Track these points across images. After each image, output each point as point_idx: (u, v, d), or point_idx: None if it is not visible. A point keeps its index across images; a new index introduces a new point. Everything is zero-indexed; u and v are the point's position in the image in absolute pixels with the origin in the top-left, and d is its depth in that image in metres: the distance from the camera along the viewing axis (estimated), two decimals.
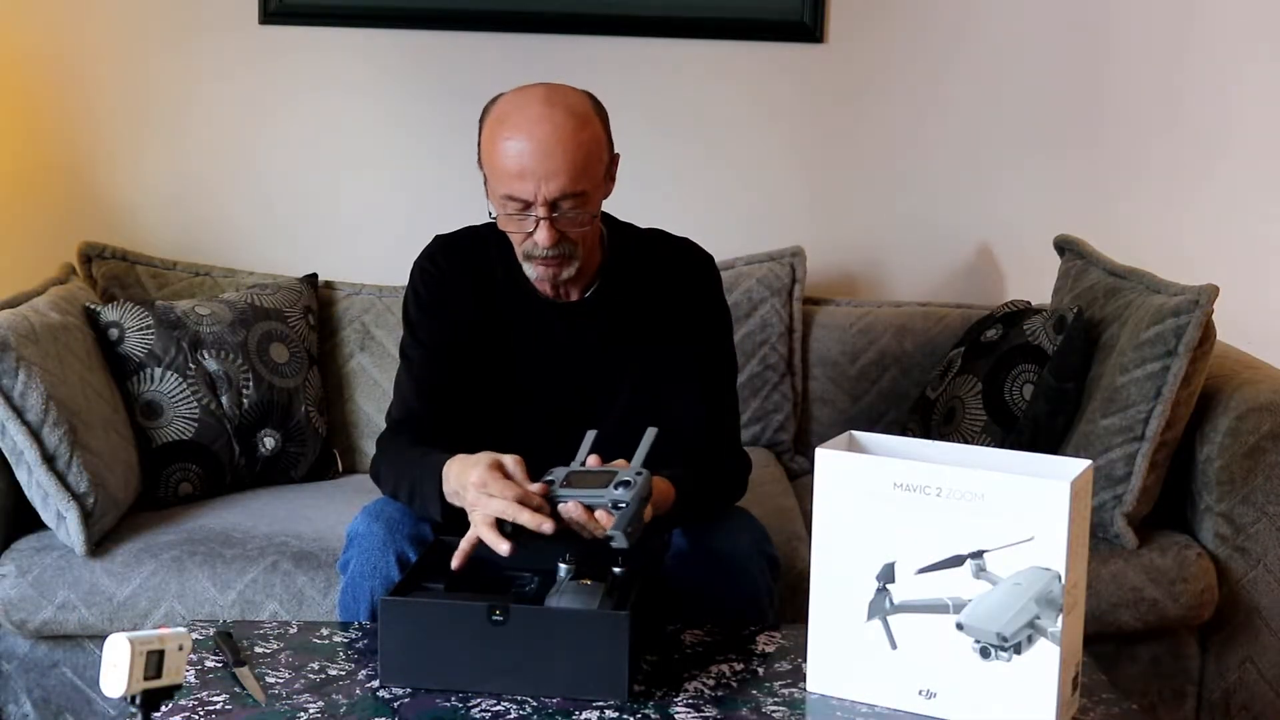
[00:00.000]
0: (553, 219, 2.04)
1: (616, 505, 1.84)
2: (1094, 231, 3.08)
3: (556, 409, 2.21)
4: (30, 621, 2.50)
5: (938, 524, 1.74)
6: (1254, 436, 2.57)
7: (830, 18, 3.24)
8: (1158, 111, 3.29)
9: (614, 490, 1.85)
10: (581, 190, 2.04)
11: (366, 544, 2.08)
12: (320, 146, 3.27)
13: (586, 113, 2.08)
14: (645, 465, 1.92)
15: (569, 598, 1.88)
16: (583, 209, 2.06)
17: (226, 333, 2.86)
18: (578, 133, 2.04)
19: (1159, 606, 2.57)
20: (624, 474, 1.88)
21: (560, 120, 2.03)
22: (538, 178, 2.02)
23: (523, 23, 3.22)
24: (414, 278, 2.25)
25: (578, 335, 2.20)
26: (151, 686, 1.53)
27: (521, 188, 2.03)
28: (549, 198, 2.03)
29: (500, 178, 2.05)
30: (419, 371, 2.20)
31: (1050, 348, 2.73)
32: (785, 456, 3.08)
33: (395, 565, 2.05)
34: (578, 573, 1.95)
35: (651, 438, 1.92)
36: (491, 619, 1.81)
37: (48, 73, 3.20)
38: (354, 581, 2.09)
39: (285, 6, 3.20)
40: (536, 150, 2.01)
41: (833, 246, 3.29)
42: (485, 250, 2.23)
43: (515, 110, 2.06)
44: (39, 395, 2.49)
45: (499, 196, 2.07)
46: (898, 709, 1.80)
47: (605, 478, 1.89)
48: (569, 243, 2.08)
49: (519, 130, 2.03)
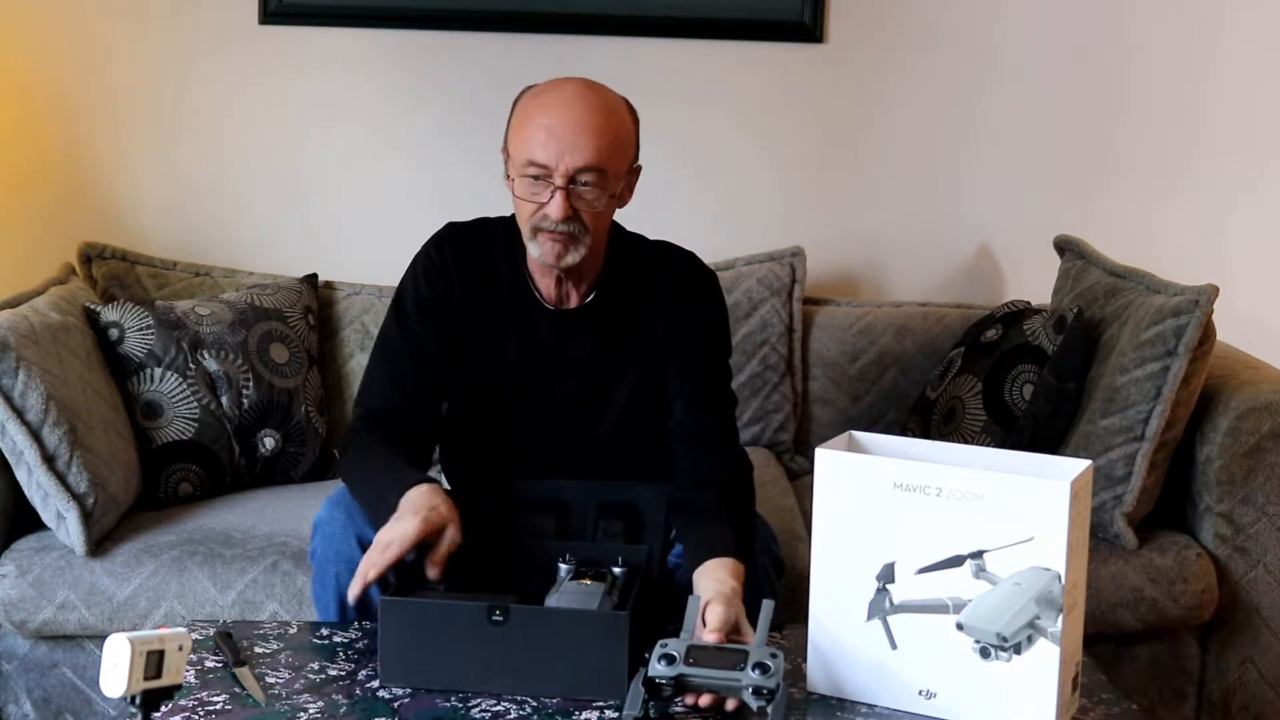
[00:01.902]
0: (569, 190, 2.06)
1: (759, 691, 1.70)
2: (1094, 231, 3.08)
3: (551, 414, 2.21)
4: (30, 621, 2.50)
5: (938, 524, 1.74)
6: (1254, 436, 2.57)
7: (830, 18, 3.24)
8: (1158, 111, 3.29)
9: (751, 674, 1.71)
10: (602, 168, 2.06)
11: (328, 530, 2.11)
12: (320, 146, 3.27)
13: (621, 108, 2.14)
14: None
15: (569, 597, 1.88)
16: (599, 189, 2.07)
17: (226, 333, 2.86)
18: (609, 117, 2.09)
19: (1159, 606, 2.57)
20: (756, 653, 1.74)
21: (595, 103, 2.09)
22: (563, 146, 2.04)
23: (523, 23, 3.22)
24: (417, 265, 2.25)
25: (574, 341, 2.20)
26: (151, 686, 1.53)
27: (545, 154, 2.05)
28: (570, 168, 2.05)
29: (525, 144, 2.07)
30: (399, 370, 2.20)
31: (1050, 348, 2.73)
32: (785, 456, 3.08)
33: (357, 548, 2.06)
34: (577, 572, 1.95)
35: (770, 611, 1.81)
36: (491, 619, 1.81)
37: (48, 73, 3.20)
38: (320, 567, 2.11)
39: (285, 6, 3.20)
40: (567, 119, 2.05)
41: (833, 246, 3.29)
42: (493, 245, 2.23)
43: (554, 89, 2.11)
44: (39, 395, 2.49)
45: (520, 164, 2.08)
46: (898, 709, 1.80)
47: (734, 657, 1.75)
48: (579, 222, 2.09)
49: (554, 102, 2.08)
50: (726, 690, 1.74)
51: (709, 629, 1.83)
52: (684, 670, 1.73)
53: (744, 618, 1.88)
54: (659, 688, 1.73)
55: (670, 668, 1.73)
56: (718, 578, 1.93)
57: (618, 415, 2.21)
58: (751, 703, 1.72)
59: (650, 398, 2.20)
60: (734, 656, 1.75)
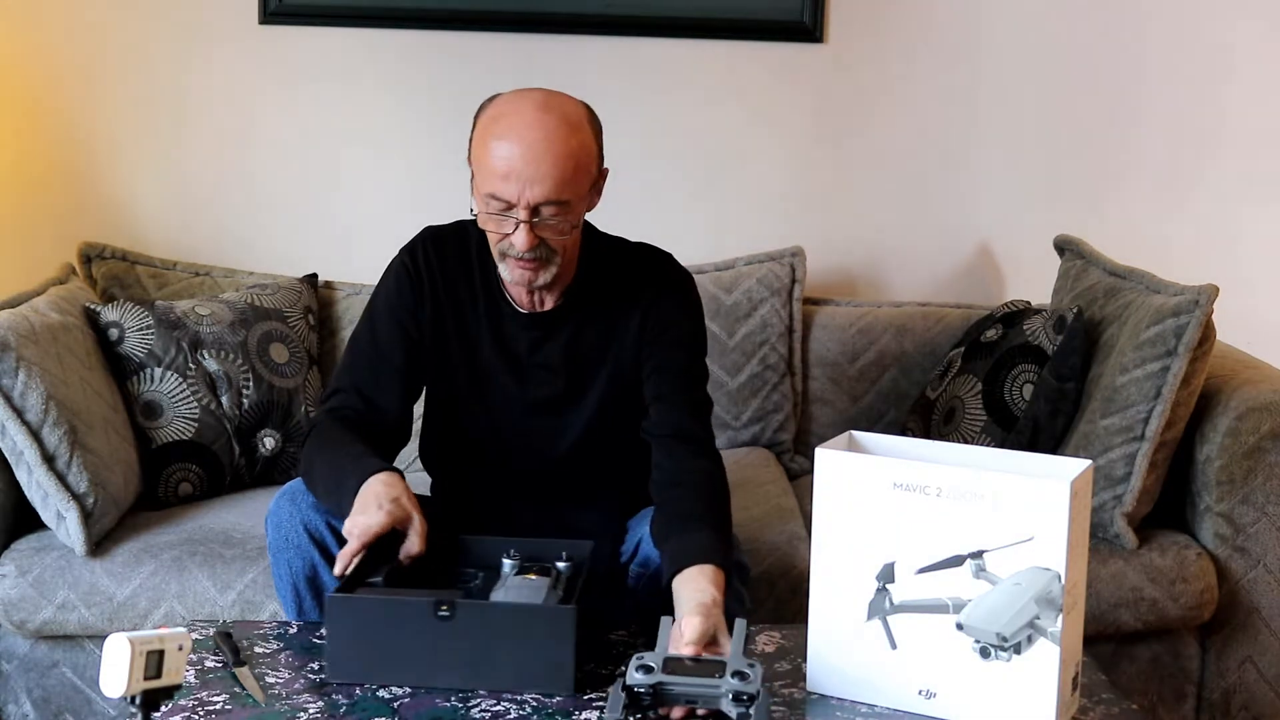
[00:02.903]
0: (532, 224, 2.04)
1: (739, 697, 1.70)
2: (1094, 231, 3.08)
3: (526, 415, 2.22)
4: (30, 621, 2.50)
5: (938, 524, 1.75)
6: (1254, 436, 2.57)
7: (830, 18, 3.24)
8: (1158, 111, 3.29)
9: (730, 680, 1.71)
10: (564, 199, 2.04)
11: (276, 519, 2.12)
12: (320, 146, 3.27)
13: (580, 123, 2.08)
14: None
15: (514, 592, 1.89)
16: (563, 218, 2.06)
17: (226, 333, 2.86)
18: (568, 141, 2.03)
19: (1159, 606, 2.57)
20: (734, 662, 1.75)
21: (553, 127, 2.03)
22: (523, 181, 2.01)
23: (523, 23, 3.22)
24: (391, 269, 2.26)
25: (547, 343, 2.20)
26: (151, 686, 1.53)
27: (505, 189, 2.03)
28: (531, 202, 2.02)
29: (486, 176, 2.05)
30: (362, 375, 2.22)
31: (1050, 348, 2.73)
32: (785, 456, 3.08)
33: (305, 534, 2.09)
34: (522, 568, 1.96)
35: (744, 629, 1.82)
36: (438, 614, 1.81)
37: (48, 73, 3.20)
38: (274, 557, 2.14)
39: (285, 6, 3.20)
40: (525, 154, 2.01)
41: (833, 246, 3.29)
42: (468, 247, 2.24)
43: (510, 112, 2.06)
44: (39, 395, 2.49)
45: (483, 194, 2.07)
46: (898, 709, 1.80)
47: (712, 667, 1.75)
48: (547, 248, 2.08)
49: (510, 132, 2.03)
50: (705, 698, 1.73)
51: (686, 642, 1.80)
52: (663, 679, 1.73)
53: (723, 628, 1.86)
54: (638, 696, 1.73)
55: (648, 676, 1.73)
56: (698, 587, 1.91)
57: (591, 416, 2.21)
58: (731, 710, 1.71)
59: (624, 399, 2.20)
60: (711, 666, 1.75)
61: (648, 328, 2.19)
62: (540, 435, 2.22)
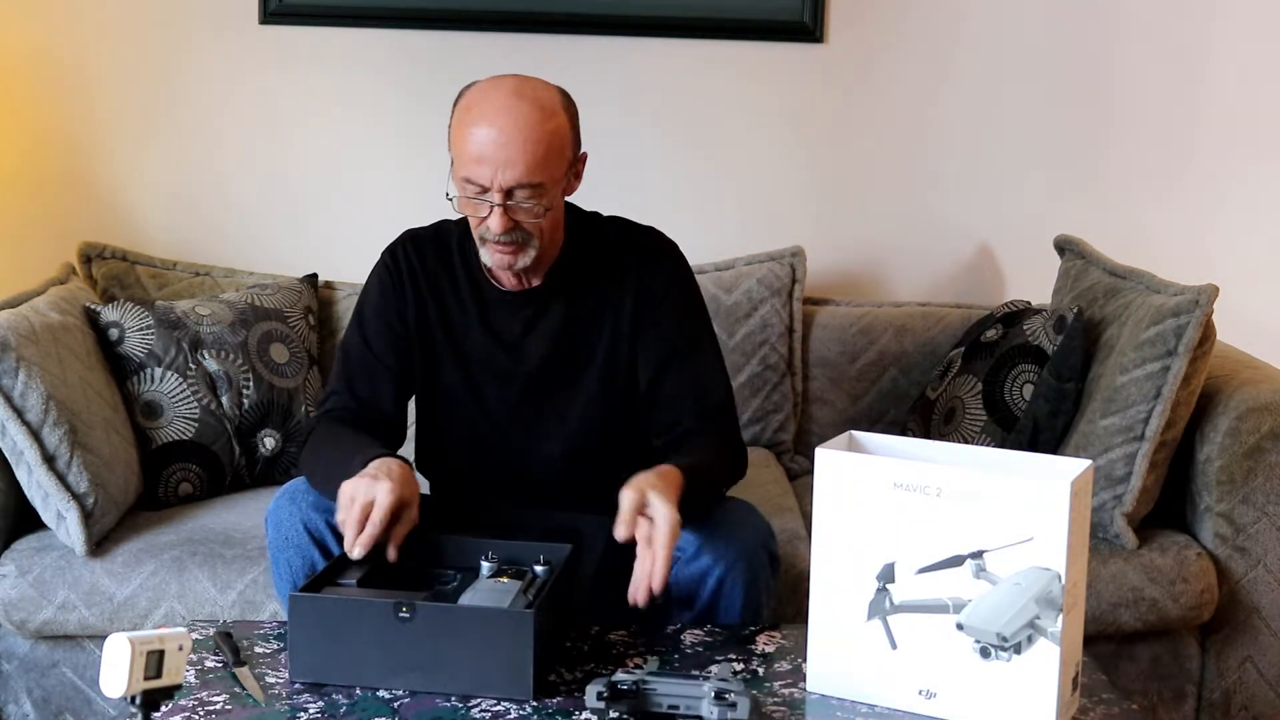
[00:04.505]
0: (506, 206, 2.08)
1: (721, 695, 1.71)
2: (1094, 231, 3.08)
3: (520, 396, 2.24)
4: (30, 621, 2.50)
5: (938, 524, 1.75)
6: (1254, 436, 2.57)
7: (830, 18, 3.24)
8: (1158, 111, 3.29)
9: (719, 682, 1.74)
10: (537, 182, 2.08)
11: (275, 519, 2.15)
12: (320, 146, 3.27)
13: (553, 107, 2.12)
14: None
15: (482, 595, 1.89)
16: (537, 201, 2.09)
17: (226, 333, 2.86)
18: (541, 125, 2.07)
19: (1159, 606, 2.57)
20: (719, 669, 1.84)
21: (525, 112, 2.07)
22: (496, 164, 2.06)
23: (523, 23, 3.22)
24: (373, 273, 2.30)
25: (538, 320, 2.23)
26: (151, 686, 1.53)
27: (479, 172, 2.07)
28: (504, 185, 2.07)
29: (462, 161, 2.09)
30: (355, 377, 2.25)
31: (1050, 348, 2.73)
32: (785, 456, 3.08)
33: (304, 533, 2.11)
34: (499, 570, 1.96)
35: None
36: (398, 615, 1.81)
37: (48, 73, 3.20)
38: (273, 556, 2.15)
39: (285, 6, 3.20)
40: (498, 138, 2.06)
41: (833, 246, 3.29)
42: (448, 243, 2.28)
43: (484, 98, 2.11)
44: (39, 395, 2.49)
45: (460, 179, 2.11)
46: (898, 709, 1.80)
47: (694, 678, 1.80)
48: (523, 231, 2.12)
49: (484, 117, 2.08)
50: (687, 700, 1.73)
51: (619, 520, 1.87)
52: (648, 680, 1.74)
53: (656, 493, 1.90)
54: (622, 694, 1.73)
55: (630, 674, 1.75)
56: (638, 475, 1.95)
57: (591, 393, 2.23)
58: (714, 713, 1.71)
59: (620, 374, 2.22)
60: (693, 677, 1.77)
61: (637, 301, 2.22)
62: (542, 414, 2.24)
